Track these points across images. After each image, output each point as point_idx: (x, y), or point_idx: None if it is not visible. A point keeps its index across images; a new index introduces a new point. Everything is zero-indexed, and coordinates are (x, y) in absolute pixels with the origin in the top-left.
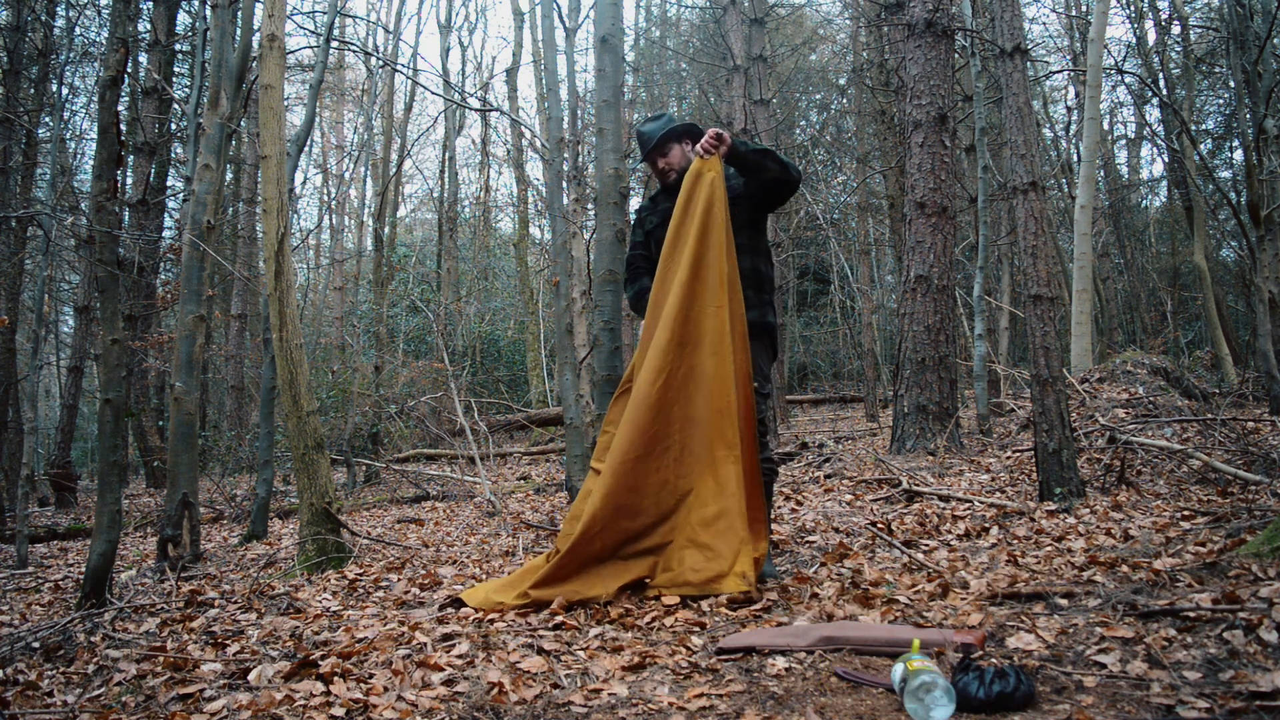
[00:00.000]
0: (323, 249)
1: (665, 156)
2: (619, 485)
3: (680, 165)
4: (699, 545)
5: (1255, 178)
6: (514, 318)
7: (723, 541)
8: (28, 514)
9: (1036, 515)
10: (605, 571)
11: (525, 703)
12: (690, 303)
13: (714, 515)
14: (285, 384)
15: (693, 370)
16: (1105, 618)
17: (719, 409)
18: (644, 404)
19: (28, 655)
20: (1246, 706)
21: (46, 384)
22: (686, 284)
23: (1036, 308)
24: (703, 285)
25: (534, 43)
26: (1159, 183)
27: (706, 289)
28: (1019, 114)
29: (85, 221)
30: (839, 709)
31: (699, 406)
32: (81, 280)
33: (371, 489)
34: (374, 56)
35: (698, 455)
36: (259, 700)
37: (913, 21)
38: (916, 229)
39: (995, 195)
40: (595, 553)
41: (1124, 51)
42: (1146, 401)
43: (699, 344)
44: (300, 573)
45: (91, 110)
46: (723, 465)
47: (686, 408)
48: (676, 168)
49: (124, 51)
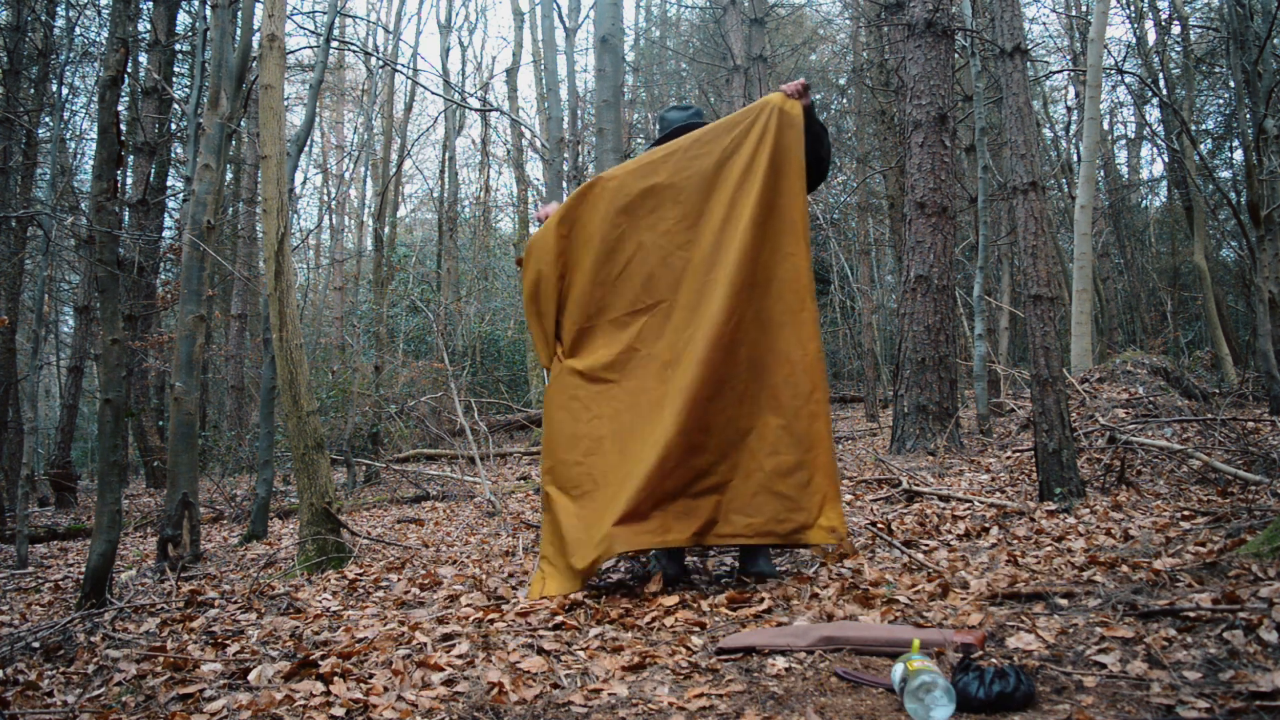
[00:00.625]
0: (323, 249)
1: None
2: (691, 423)
3: None
4: (778, 495)
5: (1255, 178)
6: (514, 318)
7: (805, 494)
8: (28, 514)
9: (1036, 515)
10: (676, 510)
11: (525, 703)
12: (760, 245)
13: (792, 465)
14: (285, 384)
15: (758, 315)
16: (1105, 618)
17: (789, 357)
18: (717, 344)
19: (28, 655)
20: (1246, 706)
21: (46, 384)
22: (757, 223)
23: (1036, 308)
24: (775, 230)
25: (534, 43)
26: (1159, 183)
27: (780, 234)
28: (1019, 114)
29: (85, 221)
30: (839, 709)
31: (765, 351)
32: (81, 280)
33: (371, 489)
34: (374, 56)
35: (759, 398)
36: (259, 700)
37: (913, 21)
38: (916, 229)
39: (995, 195)
40: (668, 490)
41: (1124, 51)
42: (1146, 401)
43: (767, 288)
44: (300, 573)
45: (91, 110)
46: (803, 419)
47: (753, 350)
48: None
49: (124, 51)
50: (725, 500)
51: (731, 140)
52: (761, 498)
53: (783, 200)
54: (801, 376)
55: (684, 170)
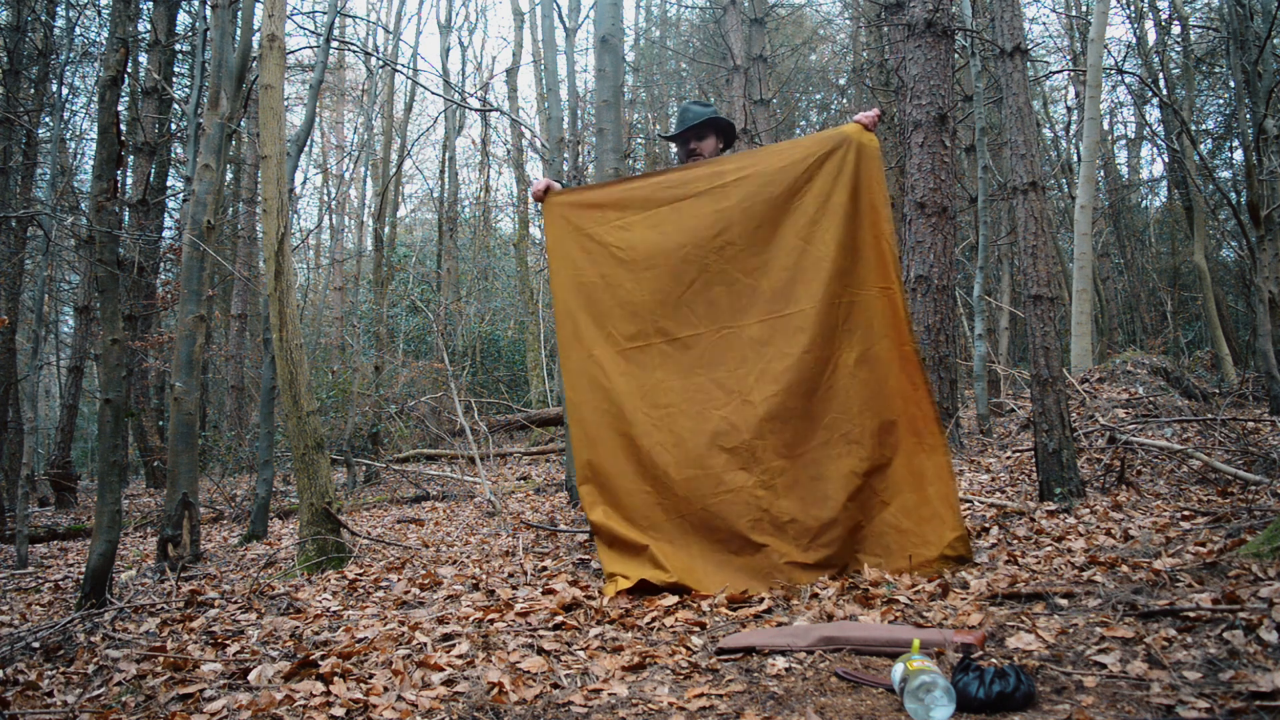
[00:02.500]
0: (323, 249)
1: (701, 140)
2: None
3: (710, 155)
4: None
5: (1255, 178)
6: (514, 318)
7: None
8: (28, 514)
9: (1036, 515)
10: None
11: (525, 703)
12: (842, 287)
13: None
14: (285, 384)
15: (864, 356)
16: (1105, 618)
17: (903, 393)
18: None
19: (28, 655)
20: (1246, 706)
21: (46, 384)
22: (841, 268)
23: (1036, 308)
24: (864, 268)
25: (534, 43)
26: (1159, 183)
27: (869, 270)
28: (1019, 114)
29: (85, 221)
30: (839, 709)
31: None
32: (81, 280)
33: (371, 489)
34: (374, 56)
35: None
36: (259, 700)
37: (913, 21)
38: (916, 229)
39: (995, 195)
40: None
41: (1124, 51)
42: (1146, 401)
43: (869, 329)
44: (300, 573)
45: (91, 110)
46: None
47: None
48: (706, 156)
49: (124, 51)
50: (855, 542)
51: (805, 171)
52: (891, 537)
53: (867, 235)
54: (917, 411)
55: (754, 197)
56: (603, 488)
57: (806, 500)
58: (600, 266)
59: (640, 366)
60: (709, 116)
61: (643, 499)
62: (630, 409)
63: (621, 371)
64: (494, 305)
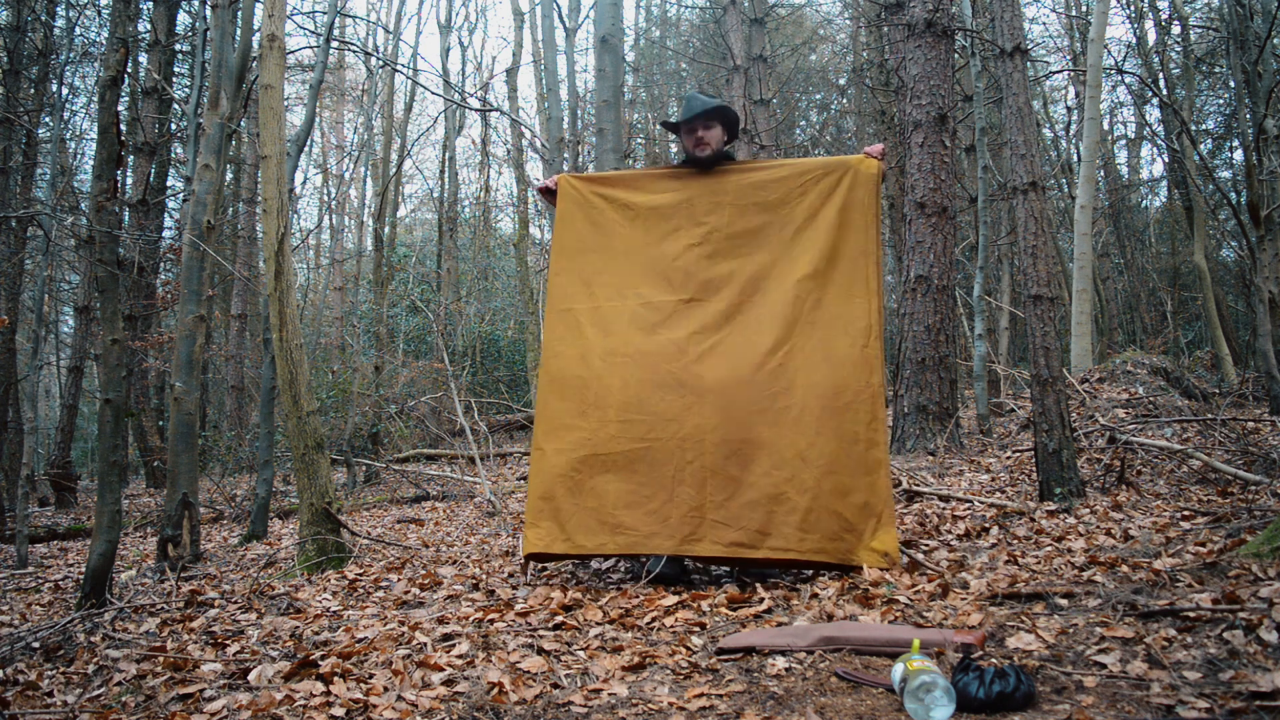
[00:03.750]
0: (323, 249)
1: (709, 129)
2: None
3: (715, 145)
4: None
5: (1255, 178)
6: (514, 318)
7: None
8: (28, 514)
9: (1036, 515)
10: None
11: (525, 703)
12: (823, 290)
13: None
14: (285, 384)
15: (821, 348)
16: (1105, 618)
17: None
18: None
19: (28, 655)
20: (1246, 706)
21: (46, 384)
22: (819, 271)
23: (1036, 308)
24: (844, 277)
25: (534, 43)
26: (1159, 183)
27: (853, 282)
28: (1019, 114)
29: (85, 221)
30: (839, 709)
31: (825, 380)
32: (81, 280)
33: (371, 489)
34: (374, 56)
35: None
36: (259, 700)
37: (913, 21)
38: (916, 229)
39: (995, 195)
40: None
41: (1124, 51)
42: (1146, 401)
43: (832, 327)
44: (300, 573)
45: (91, 110)
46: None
47: (811, 378)
48: (712, 145)
49: (124, 51)
50: (780, 514)
51: (800, 186)
52: (817, 515)
53: (850, 250)
54: (862, 406)
55: (748, 197)
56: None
57: (733, 461)
58: (602, 232)
59: (612, 321)
60: (717, 105)
61: (575, 437)
62: (592, 355)
63: (593, 323)
64: (494, 305)
